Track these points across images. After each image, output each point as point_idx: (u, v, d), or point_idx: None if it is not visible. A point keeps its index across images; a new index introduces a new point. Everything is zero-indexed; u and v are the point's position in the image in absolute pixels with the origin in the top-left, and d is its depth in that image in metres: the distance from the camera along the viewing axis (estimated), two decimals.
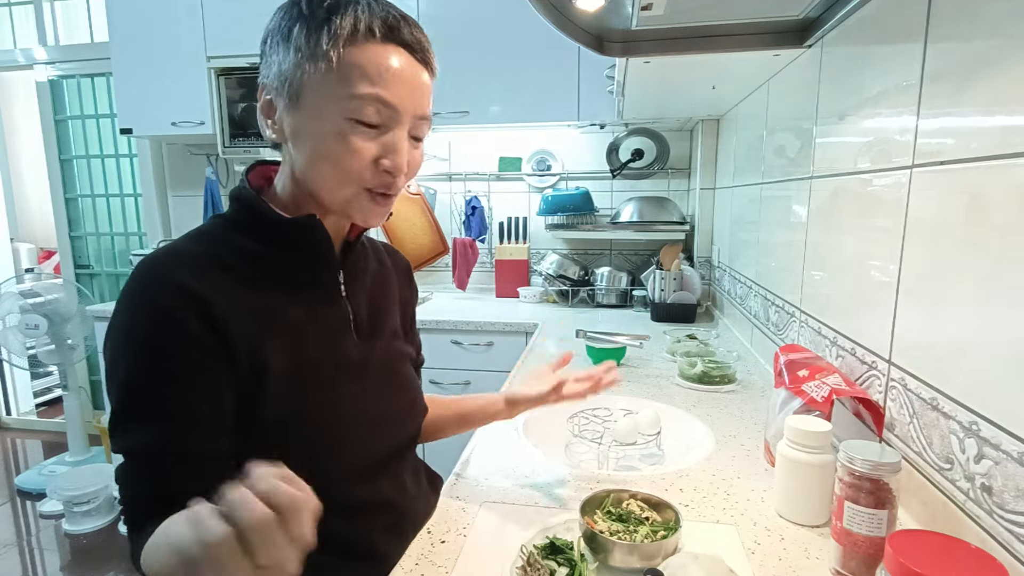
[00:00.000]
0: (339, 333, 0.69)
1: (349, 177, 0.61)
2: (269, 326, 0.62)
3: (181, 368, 0.57)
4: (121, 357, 0.58)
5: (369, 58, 0.59)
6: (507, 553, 0.64)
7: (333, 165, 0.61)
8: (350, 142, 0.60)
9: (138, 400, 0.56)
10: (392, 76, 0.59)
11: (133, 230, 3.04)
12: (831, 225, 0.97)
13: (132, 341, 0.58)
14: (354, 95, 0.58)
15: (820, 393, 0.73)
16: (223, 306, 0.59)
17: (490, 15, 2.03)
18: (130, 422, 0.57)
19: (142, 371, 0.57)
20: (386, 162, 0.61)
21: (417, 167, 0.67)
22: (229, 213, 0.68)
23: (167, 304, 0.57)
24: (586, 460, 0.94)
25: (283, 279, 0.65)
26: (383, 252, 0.86)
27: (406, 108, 0.61)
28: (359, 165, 0.61)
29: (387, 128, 0.61)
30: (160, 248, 0.63)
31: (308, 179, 0.64)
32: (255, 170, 0.71)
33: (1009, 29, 0.53)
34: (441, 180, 2.53)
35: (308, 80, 0.60)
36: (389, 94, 0.59)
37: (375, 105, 0.59)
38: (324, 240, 0.67)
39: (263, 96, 0.64)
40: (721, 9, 0.96)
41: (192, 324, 0.57)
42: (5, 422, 3.45)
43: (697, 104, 1.81)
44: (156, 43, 2.29)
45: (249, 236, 0.65)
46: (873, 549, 0.56)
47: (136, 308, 0.58)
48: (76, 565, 2.12)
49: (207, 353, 0.58)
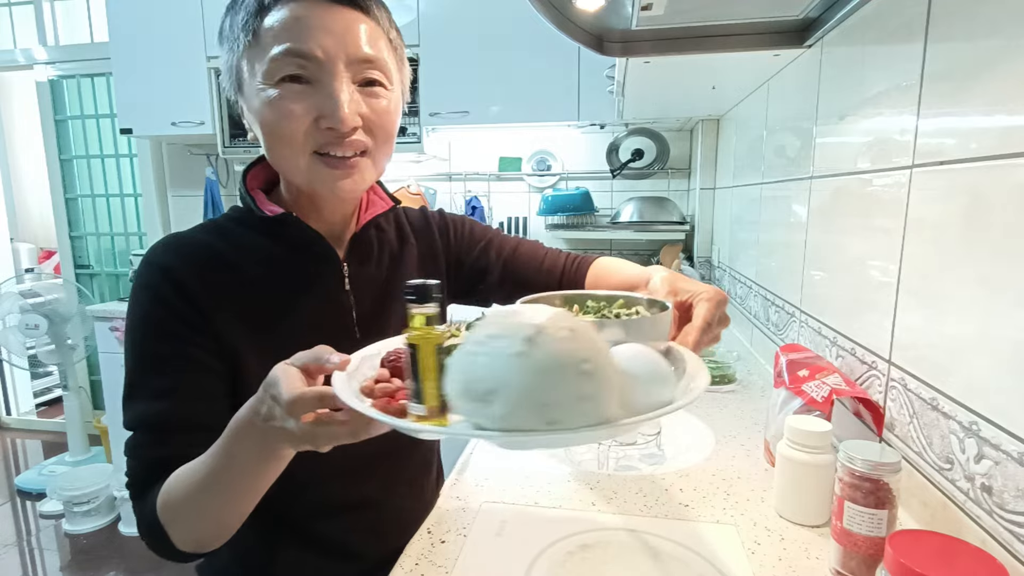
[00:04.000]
0: (335, 332, 0.68)
1: (292, 144, 0.60)
2: (255, 322, 0.63)
3: (175, 349, 0.60)
4: (129, 335, 0.62)
5: (278, 18, 0.58)
6: (507, 553, 0.64)
7: (276, 136, 0.60)
8: (282, 106, 0.58)
9: (140, 376, 0.61)
10: (303, 26, 0.58)
11: (133, 230, 3.04)
12: (831, 225, 0.97)
13: (133, 324, 0.62)
14: (272, 56, 0.58)
15: (820, 393, 0.73)
16: (207, 293, 0.62)
17: (490, 15, 2.03)
18: (134, 396, 0.61)
19: (145, 354, 0.61)
20: (325, 120, 0.59)
21: (386, 118, 0.63)
22: (237, 207, 0.71)
23: (156, 287, 0.61)
24: (586, 460, 0.94)
25: (279, 276, 0.66)
26: (413, 224, 0.81)
27: (330, 54, 0.58)
28: (296, 128, 0.59)
29: (319, 82, 0.59)
30: (166, 236, 0.66)
31: (273, 162, 0.64)
32: (256, 167, 0.71)
33: (1009, 29, 0.53)
34: (441, 180, 2.53)
35: (239, 63, 0.61)
36: (304, 45, 0.57)
37: (293, 60, 0.57)
38: (309, 236, 0.66)
39: (237, 105, 0.65)
40: (721, 9, 0.96)
41: (179, 306, 0.61)
42: (5, 422, 3.45)
43: (697, 104, 1.81)
44: (156, 43, 2.29)
45: (250, 231, 0.67)
46: (873, 549, 0.56)
47: (135, 292, 0.63)
48: (76, 565, 2.12)
49: (196, 332, 0.61)
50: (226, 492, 0.54)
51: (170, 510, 0.56)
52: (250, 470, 0.52)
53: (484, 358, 0.37)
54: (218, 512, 0.56)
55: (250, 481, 0.53)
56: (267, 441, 0.49)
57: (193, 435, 0.58)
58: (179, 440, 0.59)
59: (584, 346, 0.37)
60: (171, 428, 0.59)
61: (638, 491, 0.77)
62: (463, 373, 0.38)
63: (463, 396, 0.38)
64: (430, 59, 2.10)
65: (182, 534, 0.56)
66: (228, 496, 0.54)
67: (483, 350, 0.37)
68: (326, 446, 0.45)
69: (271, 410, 0.46)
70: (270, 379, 0.46)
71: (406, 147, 2.17)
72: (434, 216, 0.86)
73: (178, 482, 0.56)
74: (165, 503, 0.56)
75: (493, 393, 0.36)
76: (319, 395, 0.43)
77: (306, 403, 0.43)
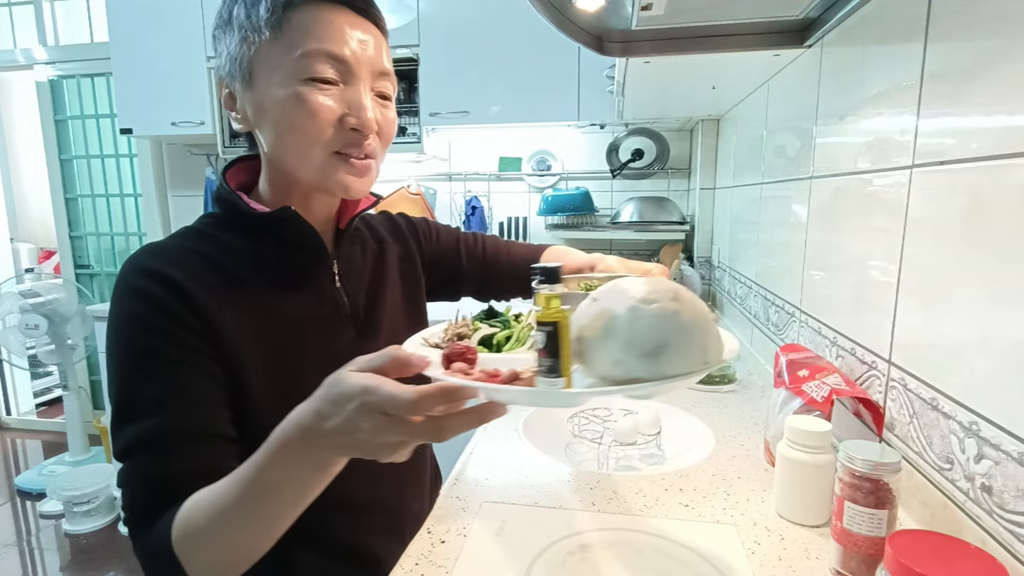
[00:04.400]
0: (332, 330, 0.68)
1: (316, 141, 0.60)
2: (252, 325, 0.61)
3: (170, 354, 0.56)
4: (112, 355, 0.57)
5: (312, 16, 0.59)
6: (507, 553, 0.64)
7: (297, 131, 0.60)
8: (309, 103, 0.58)
9: (133, 394, 0.56)
10: (338, 31, 0.59)
11: (133, 230, 3.04)
12: (831, 225, 0.97)
13: (120, 337, 0.57)
14: (304, 53, 0.58)
15: (820, 393, 0.73)
16: (205, 296, 0.59)
17: (490, 15, 2.03)
18: (128, 416, 0.56)
19: (133, 366, 0.56)
20: (351, 119, 0.60)
21: (392, 128, 0.66)
22: (215, 212, 0.67)
23: (147, 291, 0.57)
24: (586, 460, 0.94)
25: (270, 276, 0.64)
26: (383, 227, 0.83)
27: (360, 62, 0.60)
28: (322, 125, 0.59)
29: (346, 84, 0.60)
30: (143, 246, 0.63)
31: (279, 157, 0.63)
32: (235, 167, 0.70)
33: (1009, 29, 0.53)
34: (441, 180, 2.53)
35: (256, 54, 0.60)
36: (338, 48, 0.59)
37: (326, 60, 0.59)
38: (306, 232, 0.66)
39: (222, 91, 0.64)
40: (721, 9, 0.96)
41: (176, 310, 0.57)
42: (5, 422, 3.45)
43: (697, 104, 1.81)
44: (156, 43, 2.29)
45: (235, 234, 0.65)
46: (873, 549, 0.56)
47: (120, 304, 0.58)
48: (76, 565, 2.12)
49: (194, 335, 0.57)
50: (261, 517, 0.49)
51: (189, 540, 0.51)
52: (298, 488, 0.48)
53: (647, 321, 0.43)
54: (250, 539, 0.51)
55: (295, 501, 0.49)
56: (322, 454, 0.46)
57: (197, 446, 0.55)
58: (182, 453, 0.54)
59: (700, 302, 0.48)
60: (172, 440, 0.54)
61: (638, 491, 0.77)
62: (630, 335, 0.43)
63: (635, 355, 0.43)
64: (430, 59, 2.10)
65: (202, 567, 0.51)
66: (264, 521, 0.50)
67: (643, 315, 0.44)
68: (449, 437, 0.42)
69: (353, 420, 0.42)
70: (350, 389, 0.42)
71: (406, 147, 2.17)
72: (400, 220, 0.88)
73: (198, 510, 0.51)
74: (184, 533, 0.51)
75: (664, 347, 0.43)
76: (442, 390, 0.41)
77: (431, 399, 0.41)
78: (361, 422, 0.42)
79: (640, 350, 0.43)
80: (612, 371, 0.44)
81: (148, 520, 0.53)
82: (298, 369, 0.63)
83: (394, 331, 0.76)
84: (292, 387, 0.61)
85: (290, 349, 0.63)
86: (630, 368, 0.43)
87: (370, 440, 0.42)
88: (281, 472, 0.47)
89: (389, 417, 0.41)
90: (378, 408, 0.41)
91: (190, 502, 0.51)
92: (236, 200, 0.64)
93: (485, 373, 0.46)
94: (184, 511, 0.51)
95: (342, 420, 0.42)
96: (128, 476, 0.55)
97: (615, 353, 0.44)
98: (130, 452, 0.55)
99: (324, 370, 0.65)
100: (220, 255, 0.63)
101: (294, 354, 0.64)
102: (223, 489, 0.50)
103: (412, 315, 0.81)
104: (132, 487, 0.55)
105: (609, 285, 0.49)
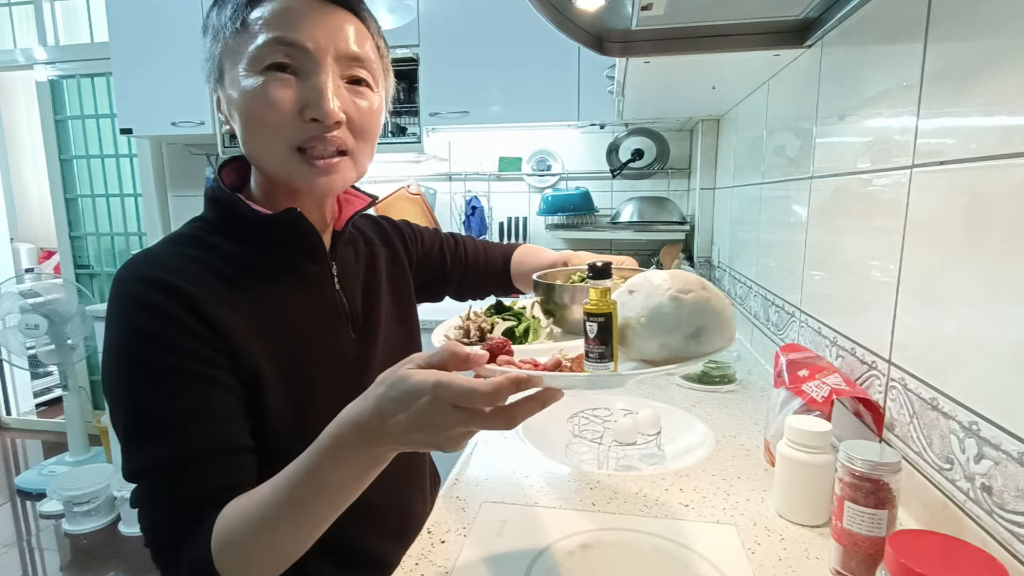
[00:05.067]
0: (336, 332, 0.68)
1: (275, 134, 0.58)
2: (260, 332, 0.59)
3: (183, 368, 0.54)
4: (117, 371, 0.54)
5: (270, 8, 0.58)
6: (507, 553, 0.64)
7: (257, 124, 0.58)
8: (267, 94, 0.57)
9: (147, 412, 0.53)
10: (294, 16, 0.58)
11: (133, 230, 3.04)
12: (831, 225, 0.97)
13: (125, 352, 0.54)
14: (259, 44, 0.57)
15: (820, 393, 0.73)
16: (213, 304, 0.56)
17: (490, 15, 2.03)
18: (145, 436, 0.53)
19: (145, 382, 0.53)
20: (309, 111, 0.58)
21: (369, 119, 0.63)
22: (207, 215, 0.65)
23: (153, 302, 0.54)
24: (586, 460, 0.94)
25: (272, 280, 0.63)
26: (369, 229, 0.83)
27: (319, 46, 0.58)
28: (280, 117, 0.57)
29: (305, 73, 0.58)
30: (134, 255, 0.59)
31: (249, 154, 0.62)
32: (227, 167, 0.69)
33: (1009, 29, 0.53)
34: (441, 180, 2.53)
35: (224, 50, 0.60)
36: (293, 34, 0.57)
37: (280, 47, 0.57)
38: (309, 233, 0.65)
39: (213, 96, 0.64)
40: (721, 9, 0.96)
41: (184, 320, 0.54)
42: (5, 422, 3.45)
43: (697, 104, 1.81)
44: (156, 43, 2.29)
45: (231, 238, 0.62)
46: (873, 549, 0.56)
47: (122, 317, 0.54)
48: (76, 565, 2.12)
49: (206, 346, 0.55)
50: (310, 520, 0.49)
51: (232, 550, 0.49)
52: (350, 487, 0.49)
53: (688, 308, 0.50)
54: (296, 543, 0.50)
55: (345, 501, 0.50)
56: (381, 450, 0.47)
57: (219, 463, 0.53)
58: (205, 472, 0.52)
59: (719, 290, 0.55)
60: (194, 459, 0.52)
61: (638, 491, 0.77)
62: (676, 321, 0.50)
63: (680, 339, 0.50)
64: (430, 59, 2.10)
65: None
66: (312, 523, 0.50)
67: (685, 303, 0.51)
68: (519, 424, 0.45)
69: (425, 415, 0.43)
70: (419, 385, 0.43)
71: (406, 147, 2.17)
72: (384, 222, 0.89)
73: (239, 519, 0.50)
74: (226, 544, 0.49)
75: (702, 329, 0.51)
76: (513, 380, 0.43)
77: (506, 390, 0.43)
78: (434, 417, 0.43)
79: (684, 334, 0.50)
80: (657, 353, 0.51)
81: (175, 540, 0.51)
82: (309, 373, 0.63)
83: (389, 332, 0.75)
84: (304, 391, 0.62)
85: (300, 353, 0.63)
86: (674, 350, 0.51)
87: (441, 433, 0.44)
88: (336, 473, 0.48)
89: (461, 410, 0.43)
90: (451, 401, 0.43)
91: (229, 513, 0.50)
92: (236, 202, 0.62)
93: (532, 363, 0.51)
94: (224, 523, 0.50)
95: (410, 415, 0.44)
96: (147, 497, 0.53)
97: (661, 338, 0.51)
98: (149, 473, 0.53)
99: (333, 372, 0.65)
100: (220, 260, 0.60)
101: (304, 358, 0.63)
102: (267, 496, 0.49)
103: (403, 316, 0.81)
104: (153, 508, 0.53)
105: (639, 278, 0.55)
